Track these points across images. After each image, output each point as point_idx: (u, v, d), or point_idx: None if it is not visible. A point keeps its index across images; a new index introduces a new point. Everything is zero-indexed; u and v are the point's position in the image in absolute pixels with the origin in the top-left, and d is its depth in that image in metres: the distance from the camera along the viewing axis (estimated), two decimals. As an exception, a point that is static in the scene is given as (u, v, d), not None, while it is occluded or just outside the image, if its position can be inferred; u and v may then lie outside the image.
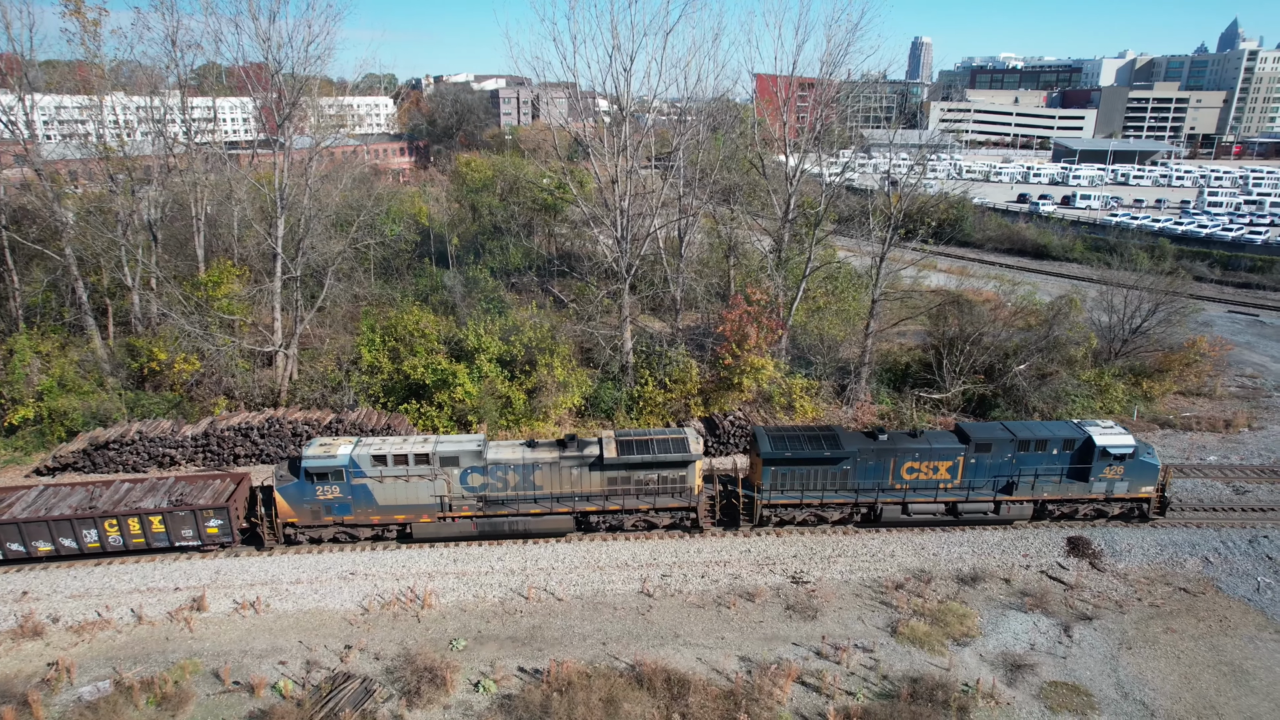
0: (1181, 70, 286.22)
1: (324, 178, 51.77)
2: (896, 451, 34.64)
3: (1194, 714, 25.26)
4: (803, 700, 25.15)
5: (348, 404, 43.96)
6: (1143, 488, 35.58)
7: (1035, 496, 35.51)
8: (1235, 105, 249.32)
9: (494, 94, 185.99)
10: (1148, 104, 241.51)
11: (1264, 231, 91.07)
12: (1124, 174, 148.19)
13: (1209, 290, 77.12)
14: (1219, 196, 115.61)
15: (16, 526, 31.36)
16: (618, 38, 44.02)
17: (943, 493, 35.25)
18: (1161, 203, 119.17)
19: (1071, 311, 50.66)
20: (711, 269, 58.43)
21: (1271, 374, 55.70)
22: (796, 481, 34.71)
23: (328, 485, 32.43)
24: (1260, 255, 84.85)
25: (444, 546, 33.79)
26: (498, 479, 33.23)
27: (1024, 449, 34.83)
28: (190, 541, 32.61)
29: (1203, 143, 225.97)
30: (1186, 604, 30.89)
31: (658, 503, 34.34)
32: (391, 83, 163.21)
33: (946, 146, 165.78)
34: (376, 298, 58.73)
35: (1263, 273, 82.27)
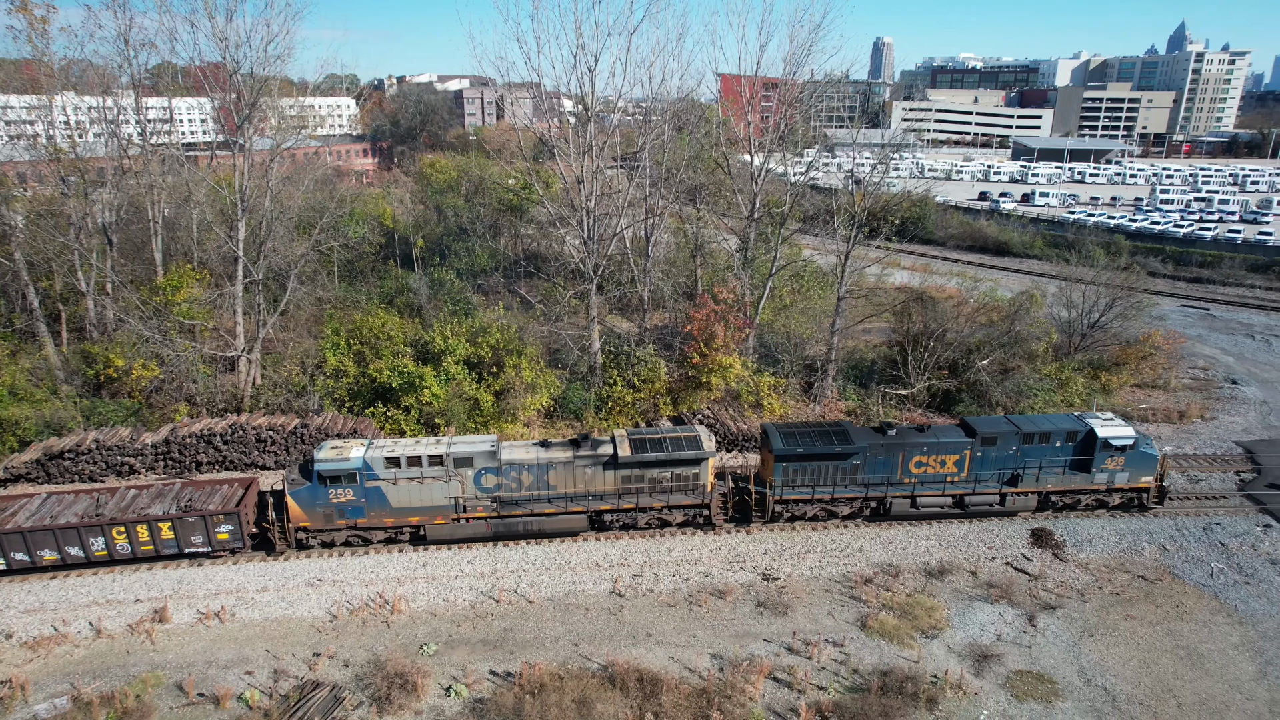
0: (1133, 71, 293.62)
1: (285, 179, 50.99)
2: (905, 446, 35.16)
3: (1152, 698, 25.89)
4: (775, 696, 25.33)
5: (313, 409, 43.34)
6: (1142, 478, 36.47)
7: (1040, 488, 36.26)
8: (1184, 105, 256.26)
9: (458, 94, 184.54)
10: (1102, 104, 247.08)
11: (1213, 228, 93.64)
12: (1080, 172, 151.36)
13: (1162, 285, 79.09)
14: (1170, 194, 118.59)
15: (21, 535, 30.69)
16: (582, 38, 43.97)
17: (950, 486, 35.89)
18: (1116, 200, 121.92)
19: (1032, 307, 51.71)
20: (678, 269, 58.59)
21: (1222, 366, 57.27)
22: (807, 477, 35.11)
23: (341, 488, 32.17)
24: (1210, 251, 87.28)
25: (412, 550, 33.47)
26: (512, 479, 33.16)
27: (1028, 441, 35.56)
28: (200, 548, 32.06)
29: (1154, 141, 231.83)
30: (1145, 591, 31.65)
31: (671, 500, 34.47)
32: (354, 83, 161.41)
33: (909, 145, 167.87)
34: (341, 301, 57.98)
35: (1212, 268, 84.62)
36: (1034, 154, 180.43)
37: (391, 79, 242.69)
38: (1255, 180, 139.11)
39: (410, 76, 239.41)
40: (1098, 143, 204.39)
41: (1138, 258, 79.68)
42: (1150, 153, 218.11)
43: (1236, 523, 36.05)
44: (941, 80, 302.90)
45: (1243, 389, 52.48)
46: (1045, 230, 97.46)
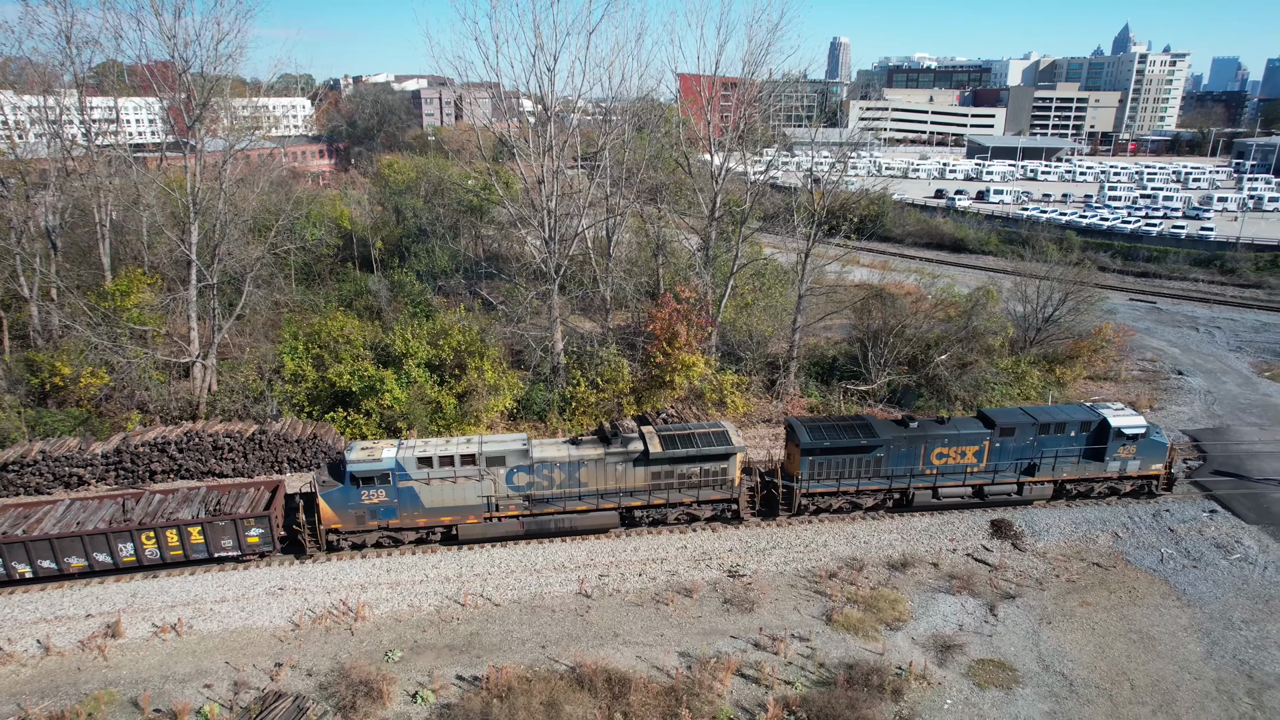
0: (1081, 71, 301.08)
1: (239, 181, 49.92)
2: (927, 438, 35.81)
3: (1107, 681, 26.56)
4: (743, 692, 25.47)
5: (271, 414, 42.54)
6: (1153, 465, 37.53)
7: (1055, 477, 37.17)
8: (1129, 105, 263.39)
9: (415, 94, 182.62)
10: (1052, 103, 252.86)
11: (1158, 224, 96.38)
12: (1033, 170, 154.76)
13: (1112, 279, 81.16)
14: (1118, 191, 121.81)
15: (49, 543, 30.07)
16: (540, 37, 43.78)
17: (970, 476, 36.59)
18: (1067, 197, 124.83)
19: (989, 303, 52.71)
20: (640, 268, 58.65)
21: (1169, 357, 58.98)
22: (833, 470, 35.57)
23: (373, 489, 31.92)
24: (1155, 246, 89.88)
25: (376, 556, 33.00)
26: (543, 477, 33.18)
27: (1044, 432, 36.39)
28: (230, 552, 31.70)
29: (1102, 140, 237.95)
30: (1099, 578, 32.46)
31: (701, 495, 34.71)
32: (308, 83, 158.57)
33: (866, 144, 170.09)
34: (299, 304, 56.99)
35: (1158, 262, 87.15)
36: (988, 152, 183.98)
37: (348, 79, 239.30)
38: (1197, 178, 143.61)
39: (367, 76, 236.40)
40: (1048, 141, 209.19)
41: (1088, 253, 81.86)
42: (1098, 151, 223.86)
43: (1184, 509, 37.14)
44: (897, 80, 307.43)
45: (1188, 380, 54.10)
46: (1000, 227, 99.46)
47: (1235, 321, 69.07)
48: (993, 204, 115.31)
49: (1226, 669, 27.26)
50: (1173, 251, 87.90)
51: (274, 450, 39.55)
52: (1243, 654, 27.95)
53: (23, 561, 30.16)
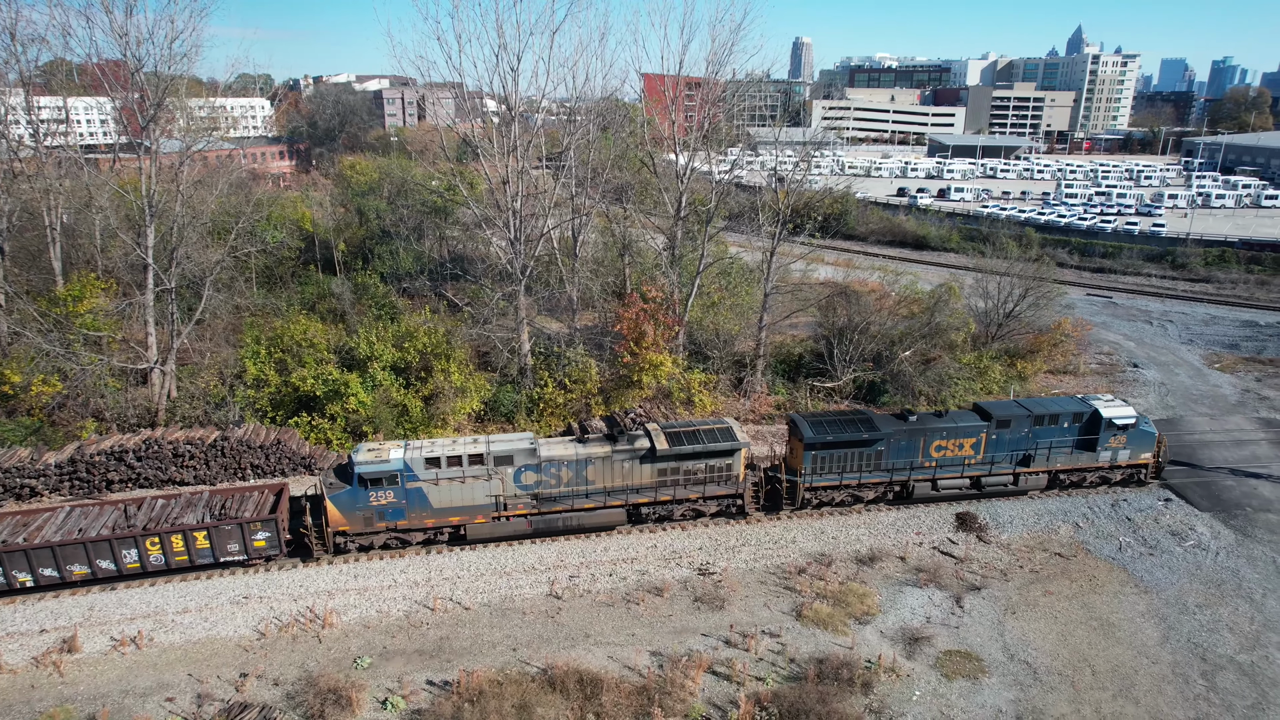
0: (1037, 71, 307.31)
1: (197, 183, 48.94)
2: (926, 431, 36.36)
3: (1069, 668, 27.14)
4: (714, 689, 25.57)
5: (233, 420, 41.76)
6: (1142, 454, 38.55)
7: (1050, 467, 37.96)
8: (1084, 104, 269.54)
9: (377, 95, 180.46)
10: (1010, 102, 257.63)
11: (1113, 220, 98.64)
12: (992, 168, 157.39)
13: (1069, 275, 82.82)
14: (1074, 188, 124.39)
15: (51, 550, 29.56)
16: (503, 37, 43.51)
17: (968, 468, 37.24)
18: (1026, 194, 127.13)
19: (951, 299, 53.50)
20: (607, 268, 58.59)
21: (1125, 351, 60.39)
22: (835, 464, 36.06)
23: (382, 490, 31.84)
24: (1110, 242, 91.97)
25: (342, 562, 32.56)
26: (551, 476, 33.35)
27: (1039, 423, 37.22)
28: (235, 556, 31.38)
29: (1058, 138, 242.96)
30: (1061, 567, 33.14)
31: (706, 491, 35.04)
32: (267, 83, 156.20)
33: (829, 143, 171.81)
34: (260, 308, 55.99)
35: (1113, 258, 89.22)
36: (948, 151, 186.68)
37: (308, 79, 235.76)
38: (1148, 176, 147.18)
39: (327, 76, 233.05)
40: (1007, 140, 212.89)
41: (1047, 249, 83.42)
42: (1055, 149, 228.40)
43: (1141, 498, 38.07)
44: (859, 79, 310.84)
45: (1143, 372, 55.44)
46: (961, 224, 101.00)
47: (1186, 315, 70.93)
48: (954, 202, 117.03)
49: (1181, 652, 28.01)
50: (1127, 247, 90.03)
51: (237, 457, 38.83)
52: (1197, 637, 28.74)
53: (24, 570, 29.66)
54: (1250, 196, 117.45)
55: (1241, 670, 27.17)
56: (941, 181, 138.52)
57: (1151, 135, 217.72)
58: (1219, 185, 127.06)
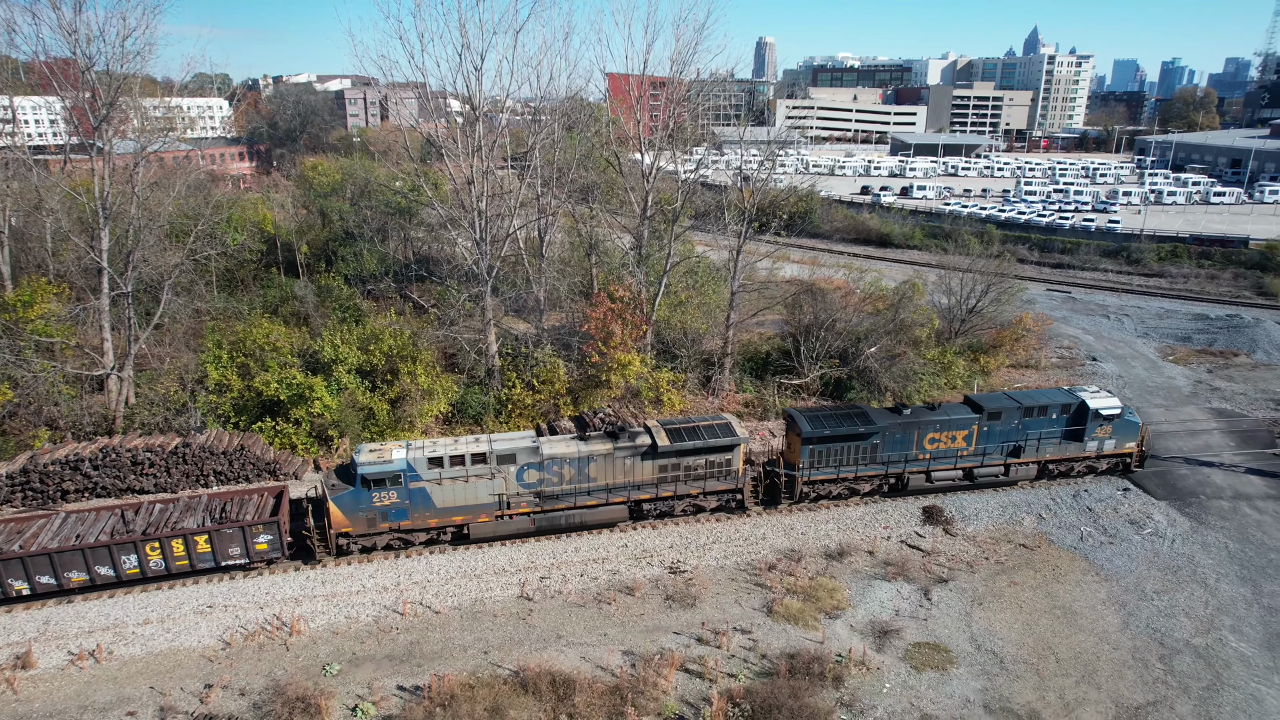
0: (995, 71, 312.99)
1: (153, 185, 47.84)
2: (920, 424, 36.89)
3: (1035, 656, 27.66)
4: (687, 687, 25.63)
5: (195, 426, 40.94)
6: (1127, 443, 39.44)
7: (1039, 458, 38.72)
8: (1041, 103, 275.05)
9: (339, 95, 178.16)
10: (970, 101, 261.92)
11: (1070, 217, 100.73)
12: (953, 166, 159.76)
13: (1030, 271, 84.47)
14: (1033, 186, 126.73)
15: (48, 557, 29.13)
16: (466, 36, 43.21)
17: (961, 459, 37.84)
18: (986, 192, 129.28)
19: (915, 295, 54.23)
20: (574, 268, 58.45)
21: (1084, 345, 61.66)
22: (832, 458, 36.55)
23: (385, 491, 31.75)
24: (1069, 238, 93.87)
25: (309, 569, 32.09)
26: (553, 474, 33.50)
27: (1028, 415, 37.94)
28: (237, 560, 31.10)
29: (1017, 137, 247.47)
30: (1025, 558, 33.75)
31: (707, 487, 35.39)
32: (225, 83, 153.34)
33: (794, 142, 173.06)
34: (221, 312, 54.98)
35: (1071, 254, 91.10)
36: (910, 149, 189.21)
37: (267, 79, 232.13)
38: (1104, 173, 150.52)
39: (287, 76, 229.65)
40: (967, 138, 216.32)
41: (1007, 246, 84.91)
42: (1014, 147, 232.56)
43: (1100, 488, 38.91)
44: (822, 79, 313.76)
45: (1101, 365, 56.66)
46: (924, 222, 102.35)
47: (1141, 309, 72.64)
48: (916, 199, 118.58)
49: (1141, 638, 28.69)
50: (1084, 243, 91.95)
51: (199, 463, 38.09)
52: (1155, 623, 29.46)
53: (20, 578, 29.14)
54: (1200, 194, 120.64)
55: (1197, 653, 27.91)
56: (904, 180, 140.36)
57: (1106, 134, 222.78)
58: (1170, 183, 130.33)
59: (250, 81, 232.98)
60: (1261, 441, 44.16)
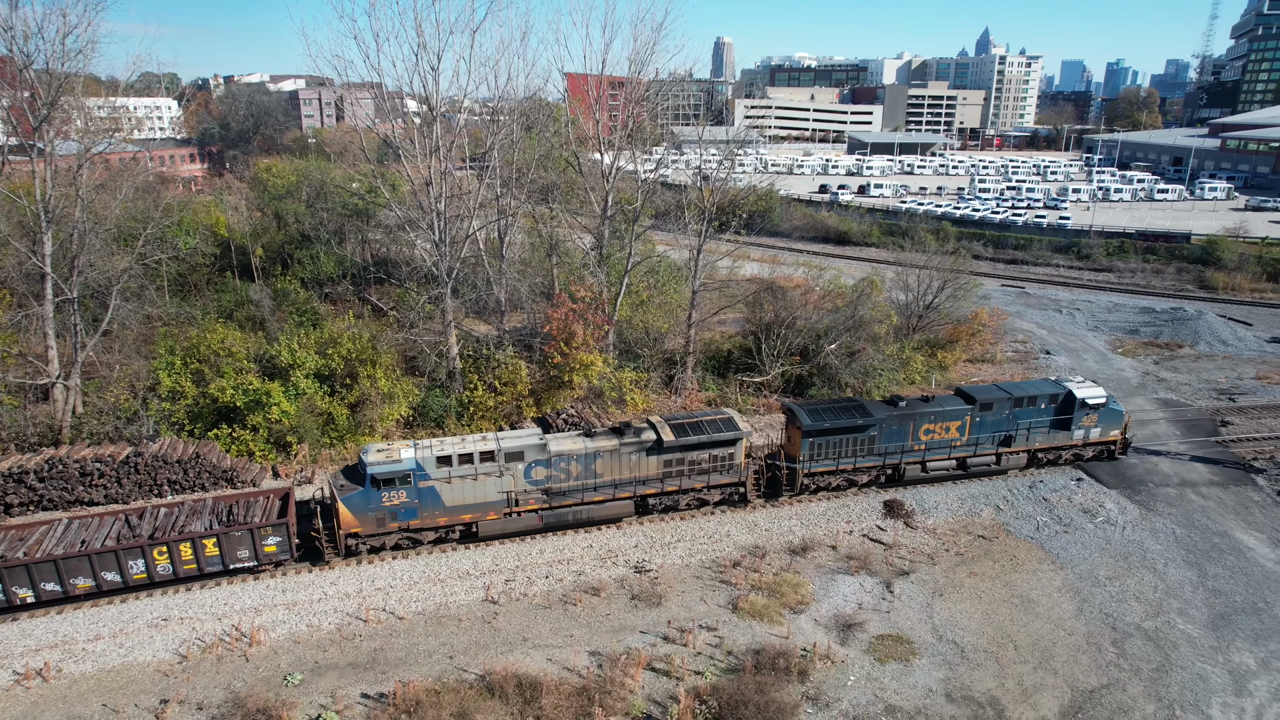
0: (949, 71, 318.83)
1: (99, 187, 46.53)
2: (915, 415, 37.61)
3: (994, 645, 28.23)
4: (654, 686, 25.67)
5: (147, 435, 39.91)
6: (1111, 432, 40.56)
7: (1029, 447, 39.72)
8: (993, 102, 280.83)
9: (293, 95, 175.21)
10: (924, 100, 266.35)
11: (1023, 214, 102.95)
12: (909, 164, 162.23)
13: (984, 267, 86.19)
14: (987, 184, 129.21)
15: (54, 564, 28.78)
16: (423, 35, 42.77)
17: (955, 450, 38.67)
18: (942, 190, 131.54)
19: (873, 292, 54.95)
20: (534, 269, 58.14)
21: (1038, 339, 63.10)
22: (831, 450, 37.22)
23: (394, 490, 31.77)
24: (1022, 235, 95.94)
25: (269, 577, 31.49)
26: (561, 470, 33.78)
27: (1019, 405, 38.89)
28: (245, 563, 30.98)
29: (970, 135, 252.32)
30: (984, 549, 34.42)
31: (711, 480, 35.85)
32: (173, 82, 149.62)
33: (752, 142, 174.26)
34: (174, 317, 53.60)
35: (1025, 250, 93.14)
36: (867, 148, 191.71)
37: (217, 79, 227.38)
38: (1054, 171, 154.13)
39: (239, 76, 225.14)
40: (923, 137, 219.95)
41: (963, 242, 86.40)
42: (968, 146, 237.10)
43: (1055, 479, 39.83)
44: (780, 79, 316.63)
45: (1055, 358, 58.03)
46: (881, 219, 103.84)
47: (1092, 303, 74.55)
48: (874, 197, 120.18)
49: (1094, 623, 29.46)
50: (1036, 239, 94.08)
51: (152, 473, 37.14)
52: (1108, 608, 30.26)
53: (24, 585, 28.77)
54: (1144, 191, 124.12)
55: (1147, 636, 28.73)
56: (861, 178, 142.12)
57: (1056, 132, 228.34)
58: (1117, 180, 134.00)
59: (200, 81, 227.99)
60: (1205, 430, 45.59)
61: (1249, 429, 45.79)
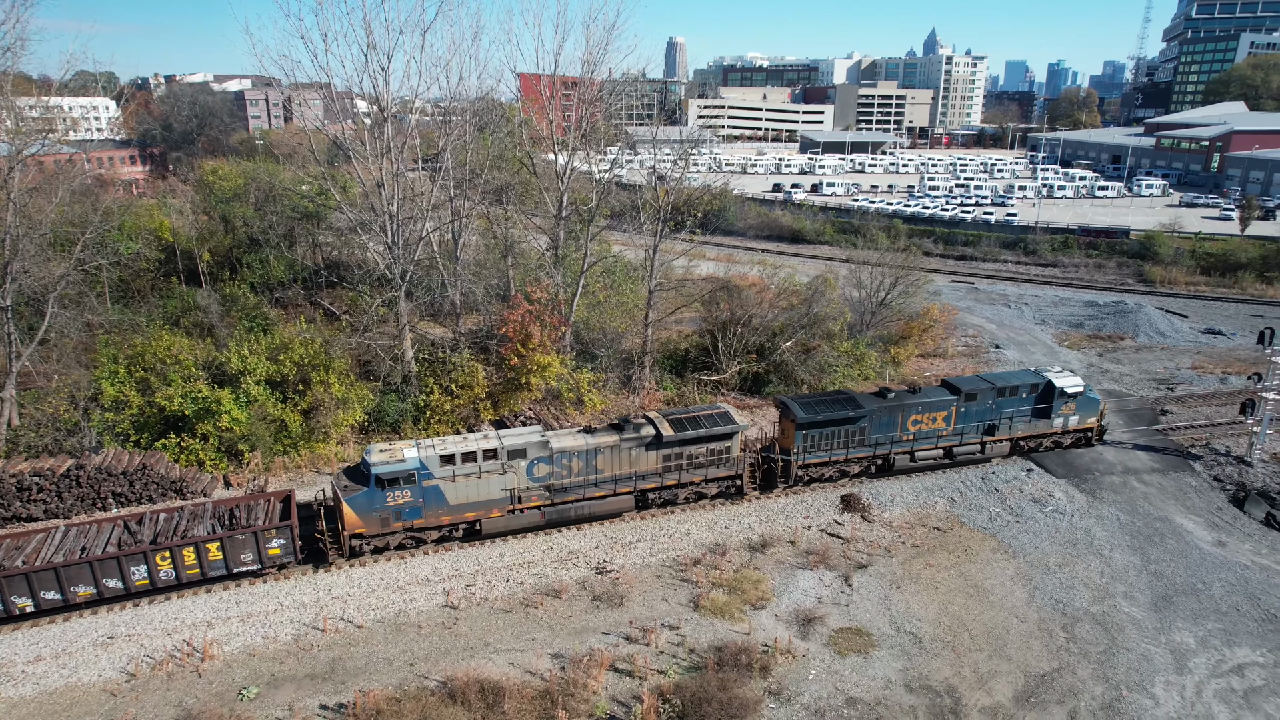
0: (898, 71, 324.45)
1: (32, 190, 44.95)
2: (904, 406, 38.45)
3: (950, 634, 28.82)
4: (617, 686, 25.68)
5: (89, 447, 38.66)
6: (1089, 419, 41.86)
7: (1012, 435, 40.85)
8: (941, 102, 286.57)
9: (239, 95, 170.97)
10: (874, 100, 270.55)
11: (971, 211, 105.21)
12: (861, 163, 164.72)
13: (935, 263, 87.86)
14: (936, 181, 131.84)
15: (54, 572, 28.38)
16: (372, 35, 42.11)
17: (941, 439, 39.57)
18: (893, 188, 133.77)
19: (827, 290, 55.65)
20: (490, 270, 57.68)
21: (987, 333, 64.54)
22: (824, 442, 38.01)
23: (399, 490, 31.81)
24: (970, 231, 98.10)
25: (221, 589, 30.74)
26: (562, 467, 34.08)
27: (1001, 395, 40.00)
28: (249, 566, 30.81)
29: (920, 134, 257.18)
30: (940, 540, 35.10)
31: (709, 474, 36.43)
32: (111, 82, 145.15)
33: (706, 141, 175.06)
34: (116, 325, 51.99)
35: (974, 246, 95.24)
36: (819, 147, 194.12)
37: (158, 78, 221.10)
38: (1001, 169, 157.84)
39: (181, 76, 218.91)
40: (873, 135, 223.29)
41: (914, 239, 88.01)
42: (917, 144, 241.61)
43: (1007, 470, 40.78)
44: (732, 79, 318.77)
45: (1004, 352, 59.42)
46: (834, 217, 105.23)
47: (1039, 297, 76.52)
48: (826, 196, 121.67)
49: (1045, 609, 30.26)
50: (985, 236, 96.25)
51: (95, 486, 35.97)
52: (1058, 594, 31.11)
53: (24, 595, 28.24)
54: (1086, 188, 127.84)
55: (1095, 620, 29.61)
56: (814, 177, 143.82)
57: (1002, 131, 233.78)
58: (1060, 177, 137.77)
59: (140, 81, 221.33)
60: (1146, 419, 47.12)
61: (1186, 417, 47.48)
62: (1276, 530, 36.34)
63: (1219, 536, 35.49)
